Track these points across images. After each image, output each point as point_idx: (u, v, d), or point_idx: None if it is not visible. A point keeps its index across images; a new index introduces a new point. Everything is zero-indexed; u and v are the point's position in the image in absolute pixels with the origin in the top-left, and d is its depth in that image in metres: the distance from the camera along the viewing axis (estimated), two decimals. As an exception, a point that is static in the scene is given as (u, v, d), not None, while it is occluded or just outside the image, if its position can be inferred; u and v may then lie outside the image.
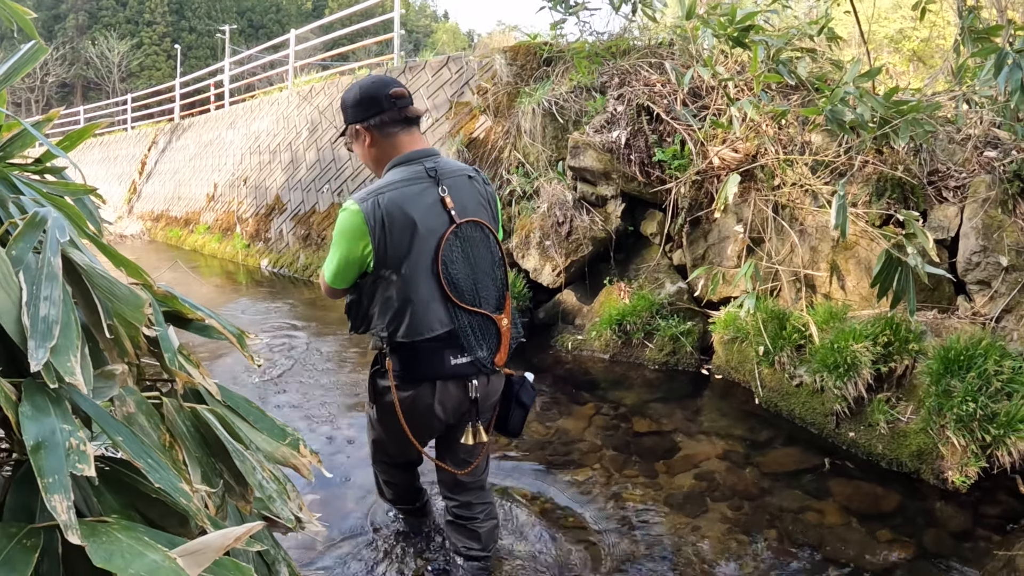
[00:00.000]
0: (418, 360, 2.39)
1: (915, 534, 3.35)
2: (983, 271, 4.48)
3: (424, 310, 2.33)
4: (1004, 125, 4.91)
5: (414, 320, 2.34)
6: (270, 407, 4.87)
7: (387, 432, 2.64)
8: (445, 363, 2.38)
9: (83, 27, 70.17)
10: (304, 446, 1.86)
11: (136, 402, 1.48)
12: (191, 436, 1.53)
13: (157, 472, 1.23)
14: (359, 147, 2.48)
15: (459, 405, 2.48)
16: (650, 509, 3.53)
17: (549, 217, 6.37)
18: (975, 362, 3.82)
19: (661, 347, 5.66)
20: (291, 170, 12.34)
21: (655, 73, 6.49)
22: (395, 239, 2.28)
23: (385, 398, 2.50)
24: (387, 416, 2.53)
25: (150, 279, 1.79)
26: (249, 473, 1.55)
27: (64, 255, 1.40)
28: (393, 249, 2.28)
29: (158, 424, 1.49)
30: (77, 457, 1.08)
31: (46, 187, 2.14)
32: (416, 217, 2.29)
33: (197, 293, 9.51)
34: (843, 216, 4.04)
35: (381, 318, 2.38)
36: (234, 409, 1.79)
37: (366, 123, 2.40)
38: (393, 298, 2.33)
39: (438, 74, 9.56)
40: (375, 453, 2.90)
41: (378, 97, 2.39)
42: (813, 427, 4.45)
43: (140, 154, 20.60)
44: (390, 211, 2.26)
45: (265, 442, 1.78)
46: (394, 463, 2.90)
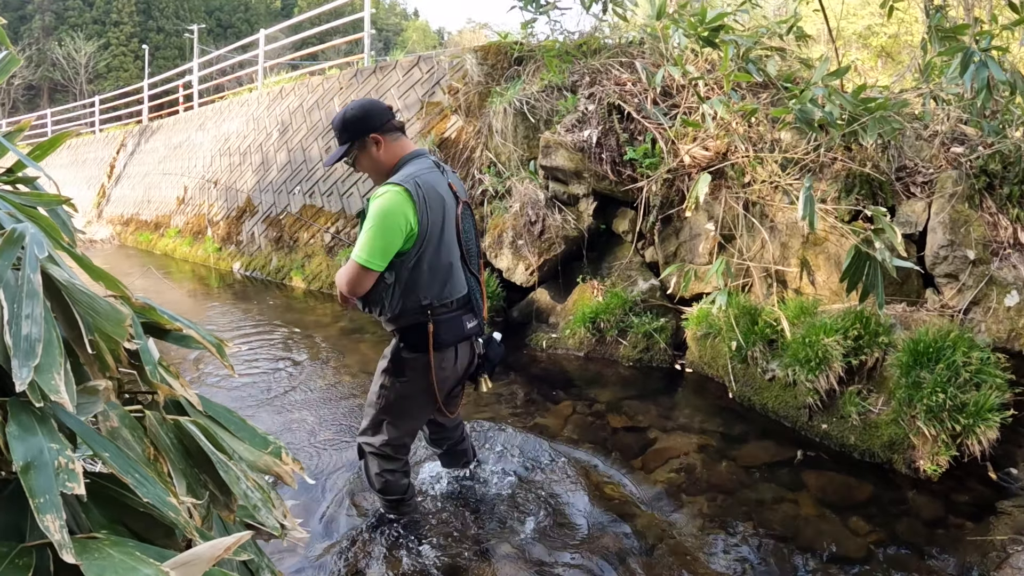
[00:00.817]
0: (444, 328, 2.83)
1: (889, 523, 3.42)
2: (951, 264, 4.58)
3: (456, 274, 2.84)
4: (971, 122, 5.01)
5: (451, 282, 2.82)
6: (248, 412, 4.86)
7: (407, 403, 2.99)
8: (464, 327, 2.90)
9: (49, 28, 69.13)
10: (286, 454, 1.86)
11: (119, 416, 1.48)
12: (175, 448, 1.54)
13: (145, 486, 1.24)
14: (370, 155, 2.85)
15: (469, 362, 3.04)
16: (627, 504, 3.57)
17: (521, 216, 6.39)
18: (944, 353, 3.92)
19: (635, 344, 5.71)
20: (262, 172, 12.24)
21: (626, 72, 6.54)
22: (433, 214, 2.70)
23: (415, 367, 2.88)
24: (414, 384, 2.92)
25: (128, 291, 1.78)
26: (234, 483, 1.56)
27: (43, 271, 1.40)
28: (432, 223, 2.70)
29: (142, 438, 1.49)
30: (67, 476, 1.09)
31: (19, 198, 2.12)
32: (443, 195, 2.77)
33: (170, 299, 9.43)
34: (810, 208, 4.10)
35: (424, 287, 2.76)
36: (216, 419, 1.80)
37: (379, 132, 2.82)
38: (436, 265, 2.76)
39: (409, 74, 9.54)
40: (375, 438, 3.08)
41: (380, 110, 2.86)
42: (786, 420, 4.52)
43: (109, 157, 20.31)
44: (427, 191, 2.69)
45: (247, 451, 1.78)
46: (399, 443, 3.09)
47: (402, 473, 3.19)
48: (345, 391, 5.27)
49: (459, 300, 2.88)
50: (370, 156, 2.85)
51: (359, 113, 2.83)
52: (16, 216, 1.71)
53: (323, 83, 11.71)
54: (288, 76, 14.51)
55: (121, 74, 63.72)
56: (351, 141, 2.84)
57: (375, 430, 3.08)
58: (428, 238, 2.70)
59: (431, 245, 2.73)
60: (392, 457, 3.11)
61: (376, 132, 2.82)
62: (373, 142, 2.83)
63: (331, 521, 3.46)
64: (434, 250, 2.74)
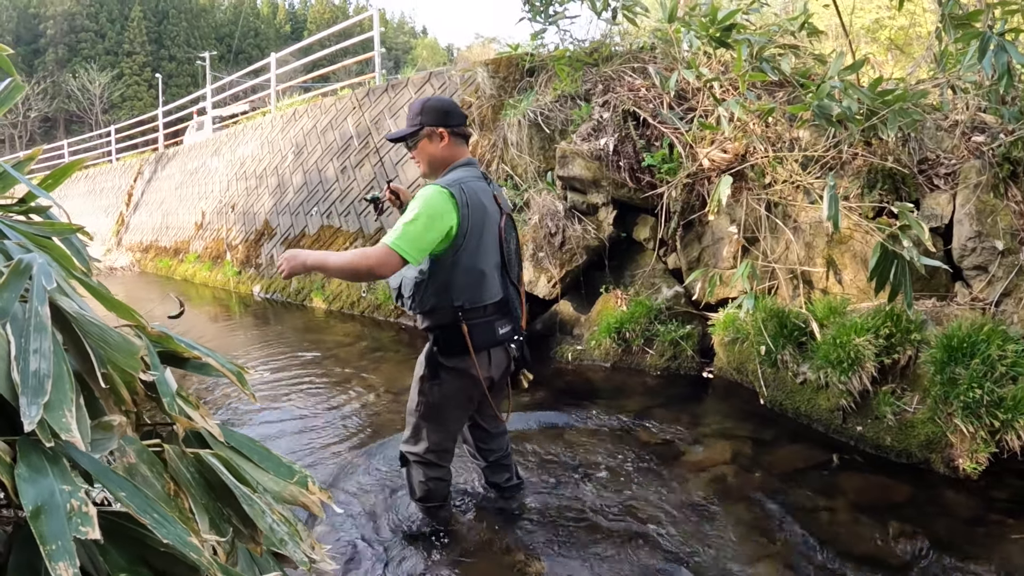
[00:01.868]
0: (477, 332, 2.89)
1: (928, 524, 3.31)
2: (979, 256, 4.47)
3: (491, 279, 2.90)
4: (990, 109, 4.91)
5: (485, 288, 2.88)
6: (274, 434, 4.83)
7: (445, 407, 3.04)
8: (496, 333, 2.96)
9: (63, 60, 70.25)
10: (313, 483, 1.80)
11: (137, 452, 1.44)
12: (196, 483, 1.50)
13: (164, 527, 1.20)
14: (432, 147, 2.94)
15: (505, 366, 3.10)
16: (662, 517, 3.48)
17: (541, 228, 6.34)
18: (978, 348, 3.80)
19: (661, 352, 5.63)
20: (279, 194, 12.28)
21: (639, 78, 6.49)
22: (475, 219, 2.78)
23: (449, 370, 2.95)
24: (450, 387, 2.98)
25: (143, 320, 1.75)
26: (259, 517, 1.51)
27: (52, 303, 1.36)
28: (473, 227, 2.78)
29: (161, 473, 1.45)
30: (80, 519, 1.05)
31: (31, 228, 2.10)
32: (487, 204, 2.87)
33: (192, 325, 9.44)
34: (835, 207, 4.02)
35: (458, 289, 2.83)
36: (238, 450, 1.75)
37: (450, 129, 2.92)
38: (474, 268, 2.83)
39: (421, 90, 9.54)
40: (418, 445, 3.14)
41: (460, 112, 2.99)
42: (819, 424, 4.42)
43: (126, 185, 20.51)
44: (471, 196, 2.78)
45: (272, 482, 1.72)
46: (441, 449, 3.15)
47: (445, 482, 3.26)
48: (370, 410, 5.22)
49: (494, 305, 2.95)
50: (431, 147, 2.94)
51: (442, 105, 2.96)
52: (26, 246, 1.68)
53: (336, 103, 11.75)
54: (301, 99, 14.58)
55: (136, 103, 64.61)
56: (422, 126, 2.92)
57: (416, 437, 3.14)
58: (467, 242, 2.79)
59: (469, 249, 2.80)
60: (435, 464, 3.17)
61: (446, 128, 2.91)
62: (439, 136, 2.91)
63: (360, 546, 3.40)
64: (471, 254, 2.82)
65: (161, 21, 79.21)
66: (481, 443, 3.45)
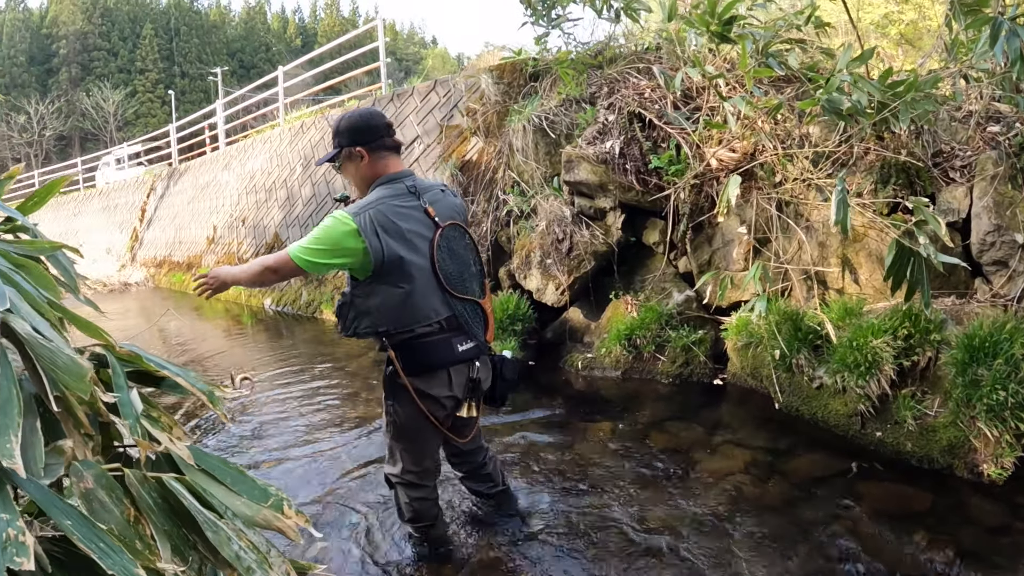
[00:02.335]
0: (429, 351, 2.79)
1: (951, 532, 3.18)
2: (999, 251, 4.33)
3: (422, 302, 2.74)
4: (1004, 98, 4.77)
5: (414, 311, 2.74)
6: (280, 448, 4.76)
7: (409, 428, 2.94)
8: (454, 350, 2.83)
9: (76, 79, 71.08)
10: (289, 506, 1.74)
11: (95, 476, 1.38)
12: (158, 508, 1.44)
13: (110, 557, 1.16)
14: (352, 166, 2.88)
15: (466, 385, 2.93)
16: (675, 531, 3.36)
17: (548, 235, 6.24)
18: (1001, 347, 3.64)
19: (673, 359, 5.51)
20: (288, 207, 12.27)
21: (644, 79, 6.38)
22: (391, 244, 2.65)
23: (401, 391, 2.85)
24: (406, 408, 2.88)
25: (111, 340, 1.75)
26: (223, 544, 1.44)
27: (5, 324, 1.29)
28: (390, 253, 2.64)
29: (121, 498, 1.39)
30: (16, 549, 1.02)
31: (12, 247, 2.06)
32: (403, 225, 2.71)
33: (204, 338, 9.42)
34: (844, 211, 3.89)
35: (381, 314, 2.74)
36: (209, 473, 1.67)
37: (367, 146, 2.82)
38: (393, 294, 2.70)
39: (426, 99, 9.48)
40: (396, 467, 3.06)
41: (377, 125, 2.85)
42: (837, 429, 4.29)
43: (139, 201, 20.63)
44: (382, 223, 2.65)
45: (245, 506, 1.65)
46: (419, 468, 3.06)
47: (431, 500, 3.17)
48: (377, 423, 5.12)
49: (445, 323, 2.82)
50: (353, 167, 2.89)
51: (351, 123, 2.86)
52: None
53: (342, 114, 11.69)
54: (309, 111, 14.58)
55: (150, 120, 65.25)
56: (340, 148, 2.88)
57: (393, 459, 3.08)
58: (382, 270, 2.68)
59: (387, 273, 2.69)
60: (417, 484, 3.09)
61: (362, 146, 2.83)
62: (358, 155, 2.84)
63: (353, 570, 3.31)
64: (388, 281, 2.71)
65: (172, 38, 80.00)
66: (453, 456, 3.37)
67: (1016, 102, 4.51)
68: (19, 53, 71.82)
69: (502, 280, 6.99)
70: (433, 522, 3.20)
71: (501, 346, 6.04)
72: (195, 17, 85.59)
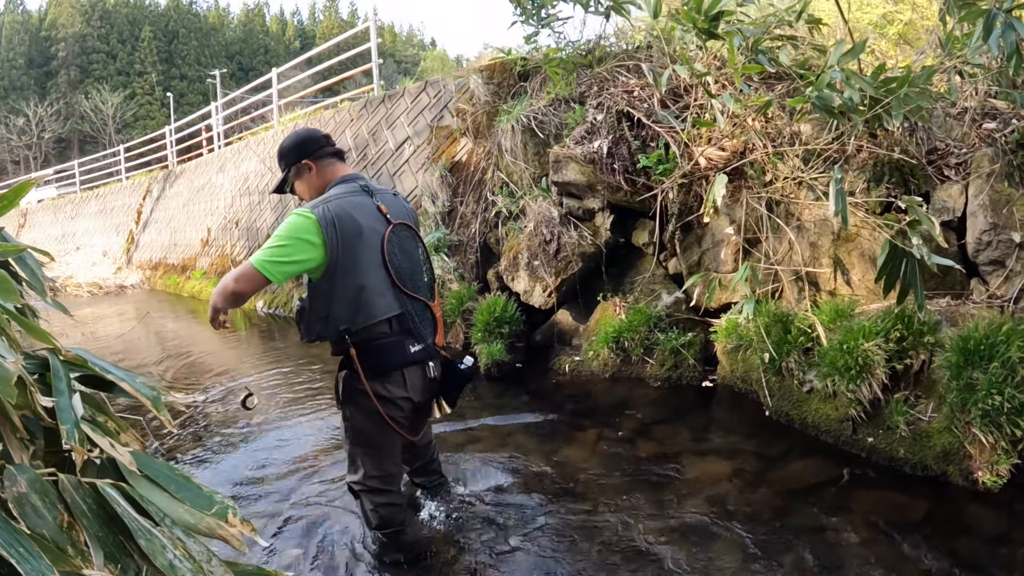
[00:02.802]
0: (384, 352, 2.85)
1: (946, 542, 3.07)
2: (995, 250, 4.21)
3: (376, 296, 2.80)
4: (1000, 94, 4.67)
5: (368, 306, 2.79)
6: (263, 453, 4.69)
7: (369, 431, 2.97)
8: (406, 351, 2.88)
9: (75, 82, 71.23)
10: (234, 515, 1.71)
11: (29, 481, 1.38)
12: (92, 515, 1.42)
13: (29, 562, 1.15)
14: (305, 179, 3.03)
15: (423, 386, 3.00)
16: (660, 539, 3.27)
17: (536, 236, 6.13)
18: (997, 350, 3.52)
19: (662, 362, 5.39)
20: (280, 209, 12.20)
21: (633, 77, 6.27)
22: (346, 238, 2.73)
23: (360, 395, 2.88)
24: (364, 412, 2.91)
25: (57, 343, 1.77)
26: (157, 553, 1.41)
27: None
28: (345, 246, 2.72)
29: (55, 504, 1.38)
30: None
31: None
32: (360, 220, 2.79)
33: (196, 340, 9.35)
34: (842, 202, 3.78)
35: (339, 312, 2.78)
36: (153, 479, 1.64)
37: (311, 158, 3.00)
38: (350, 288, 2.76)
39: (416, 100, 9.38)
40: (357, 473, 3.07)
41: (316, 137, 3.06)
42: (828, 435, 4.17)
43: (135, 204, 20.58)
44: (339, 215, 2.74)
45: (187, 513, 1.62)
46: (381, 473, 3.07)
47: (397, 506, 3.17)
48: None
49: (395, 322, 2.88)
50: (303, 181, 3.04)
51: (293, 141, 3.05)
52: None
53: (335, 116, 11.65)
54: (302, 112, 14.50)
55: (148, 122, 65.33)
56: (288, 167, 3.04)
57: (354, 466, 3.09)
58: (339, 261, 2.74)
59: (343, 267, 2.76)
60: (381, 490, 3.10)
61: (308, 158, 3.00)
62: (306, 168, 3.01)
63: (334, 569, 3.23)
64: (345, 273, 2.77)
65: (171, 41, 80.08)
66: (406, 453, 3.40)
67: (1013, 98, 4.41)
68: (18, 56, 71.91)
69: (490, 282, 6.88)
70: (402, 527, 3.18)
71: (488, 349, 5.94)
72: (194, 19, 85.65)
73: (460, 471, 4.09)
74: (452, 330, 6.76)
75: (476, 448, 4.48)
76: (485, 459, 4.29)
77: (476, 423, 4.94)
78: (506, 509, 3.64)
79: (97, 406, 1.90)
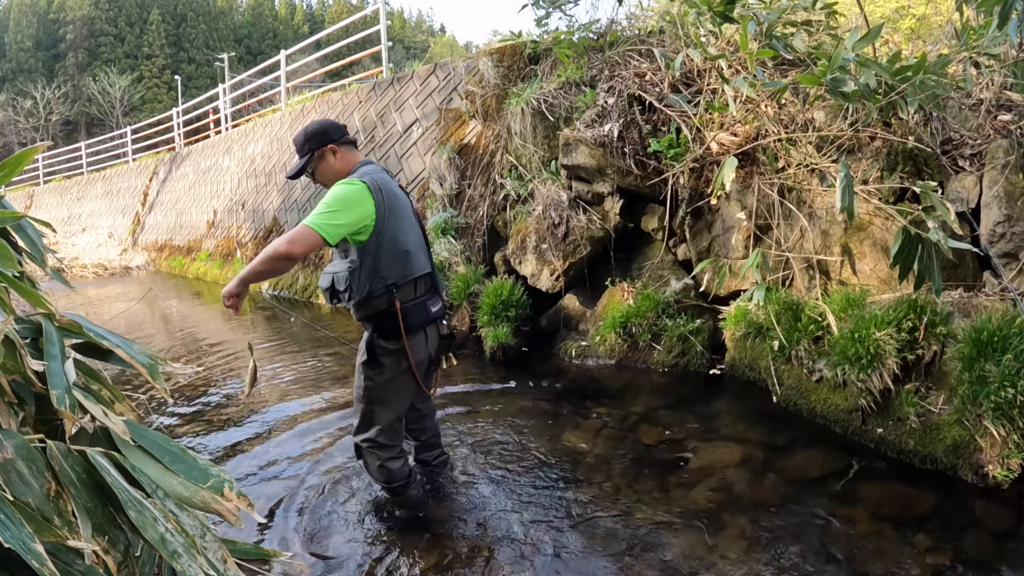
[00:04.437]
0: (413, 311, 3.11)
1: (954, 537, 3.03)
2: (1009, 242, 4.15)
3: (416, 255, 3.14)
4: (1016, 86, 4.59)
5: (412, 263, 3.11)
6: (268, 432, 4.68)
7: (390, 388, 3.20)
8: (429, 312, 3.19)
9: (83, 64, 71.13)
10: (230, 488, 1.65)
11: (16, 447, 1.34)
12: (81, 484, 1.38)
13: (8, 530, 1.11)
14: (328, 163, 3.18)
15: (439, 342, 3.32)
16: (662, 527, 3.23)
17: (544, 219, 6.08)
18: (1010, 342, 3.47)
19: (669, 348, 5.34)
20: (286, 191, 12.14)
21: (645, 61, 6.20)
22: (389, 203, 3.01)
23: (390, 353, 3.13)
24: (392, 370, 3.15)
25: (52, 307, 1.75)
26: (148, 525, 1.37)
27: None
28: (390, 210, 3.01)
29: (42, 471, 1.34)
30: None
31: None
32: (396, 190, 3.15)
33: (203, 321, 9.32)
34: (849, 196, 3.72)
35: (386, 267, 3.02)
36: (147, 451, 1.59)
37: (335, 142, 3.18)
38: (397, 245, 3.04)
39: (426, 82, 9.31)
40: (370, 430, 3.26)
41: (336, 126, 3.25)
42: (837, 425, 4.12)
43: (142, 185, 20.53)
44: (382, 184, 3.02)
45: (182, 486, 1.58)
46: (390, 429, 3.27)
47: (401, 460, 3.35)
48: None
49: (423, 281, 3.20)
50: (328, 165, 3.18)
51: (320, 126, 3.21)
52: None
53: (343, 98, 11.57)
54: (310, 95, 14.42)
55: (156, 105, 65.22)
56: (311, 152, 3.17)
57: (367, 423, 3.27)
58: (386, 226, 2.99)
59: (389, 229, 3.01)
60: (386, 445, 3.28)
61: (333, 143, 3.17)
62: (331, 152, 3.17)
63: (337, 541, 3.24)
64: (392, 234, 3.02)
65: (180, 24, 79.85)
66: (413, 423, 3.61)
67: (1028, 89, 4.34)
68: (26, 38, 71.76)
69: (497, 265, 6.83)
70: (406, 481, 3.37)
71: (493, 332, 5.91)
72: (202, 3, 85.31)
73: (462, 454, 4.06)
74: (458, 313, 6.72)
75: (479, 431, 4.45)
76: (488, 442, 4.26)
77: (480, 407, 4.91)
78: (507, 492, 3.62)
79: (91, 374, 1.85)
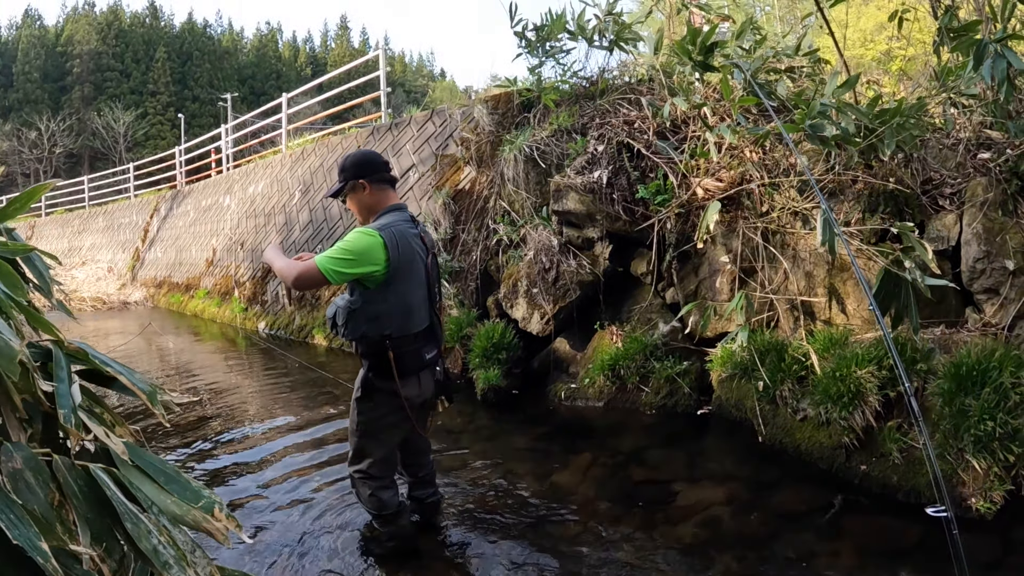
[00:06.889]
0: (408, 357, 3.20)
1: (939, 571, 3.05)
2: (989, 278, 4.24)
3: (418, 311, 3.23)
4: (995, 124, 4.72)
5: (410, 320, 3.19)
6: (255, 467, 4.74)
7: (382, 424, 3.29)
8: (423, 358, 3.28)
9: (89, 98, 71.70)
10: (220, 510, 1.76)
11: (25, 458, 1.45)
12: (83, 496, 1.48)
13: (17, 529, 1.21)
14: (357, 196, 3.30)
15: (432, 387, 3.39)
16: (649, 564, 3.27)
17: (535, 264, 6.18)
18: (990, 376, 3.56)
19: (657, 390, 5.42)
20: (285, 232, 12.27)
21: (634, 109, 6.35)
22: (403, 259, 3.09)
23: (383, 391, 3.22)
24: (383, 406, 3.25)
25: (61, 335, 1.84)
26: (142, 537, 1.48)
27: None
28: (402, 267, 3.09)
29: (47, 482, 1.45)
30: None
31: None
32: (414, 246, 3.20)
33: (200, 360, 9.37)
34: (829, 232, 3.83)
35: (389, 318, 3.12)
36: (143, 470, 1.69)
37: (368, 179, 3.26)
38: (401, 301, 3.14)
39: (423, 128, 9.49)
40: (363, 463, 3.36)
41: (378, 162, 3.34)
42: (821, 462, 4.18)
43: (143, 221, 20.69)
44: (398, 240, 3.09)
45: (175, 504, 1.67)
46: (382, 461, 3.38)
47: (391, 490, 3.44)
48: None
49: (422, 333, 3.27)
50: (358, 197, 3.30)
51: (360, 159, 3.32)
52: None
53: (342, 142, 11.76)
54: (310, 138, 14.62)
55: (159, 142, 65.66)
56: (346, 181, 3.29)
57: (360, 455, 3.37)
58: (396, 279, 3.08)
59: (397, 285, 3.10)
60: (378, 476, 3.37)
61: (365, 179, 3.26)
62: (361, 186, 3.26)
63: None
64: (399, 290, 3.12)
65: (185, 62, 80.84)
66: (409, 460, 3.68)
67: (1007, 128, 4.45)
68: (33, 69, 72.54)
69: (490, 309, 6.93)
70: (396, 510, 3.44)
71: (485, 375, 5.98)
72: (208, 42, 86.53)
73: (452, 492, 4.12)
74: (451, 355, 6.79)
75: (470, 471, 4.51)
76: (478, 480, 4.32)
77: (470, 447, 4.97)
78: (496, 530, 3.67)
79: (95, 399, 1.97)
